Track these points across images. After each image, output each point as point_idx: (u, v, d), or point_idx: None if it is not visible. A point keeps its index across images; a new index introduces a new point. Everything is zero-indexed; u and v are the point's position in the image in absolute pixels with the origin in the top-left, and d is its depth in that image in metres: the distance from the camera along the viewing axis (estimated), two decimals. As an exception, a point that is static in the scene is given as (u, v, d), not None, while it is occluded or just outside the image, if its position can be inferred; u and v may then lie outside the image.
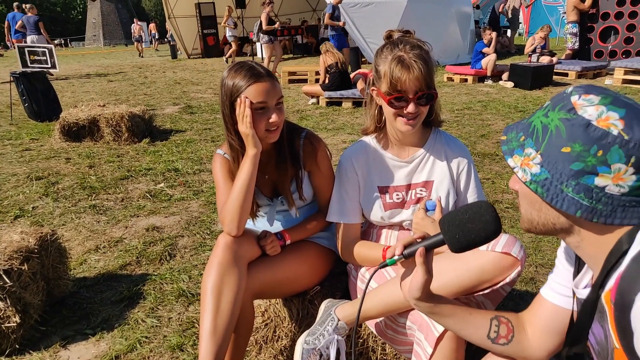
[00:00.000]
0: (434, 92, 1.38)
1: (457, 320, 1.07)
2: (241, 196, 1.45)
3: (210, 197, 3.68)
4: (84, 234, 3.11)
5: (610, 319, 0.76)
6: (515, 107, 6.70)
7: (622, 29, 9.53)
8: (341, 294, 1.72)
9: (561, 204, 0.77)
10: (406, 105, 1.36)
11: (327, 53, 7.34)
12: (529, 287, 2.32)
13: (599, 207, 0.75)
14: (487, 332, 1.06)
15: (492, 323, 1.07)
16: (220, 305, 1.39)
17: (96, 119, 5.38)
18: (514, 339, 1.05)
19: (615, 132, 0.72)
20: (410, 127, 1.41)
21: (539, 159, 0.80)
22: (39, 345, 2.01)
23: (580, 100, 0.77)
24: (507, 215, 3.14)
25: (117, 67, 15.85)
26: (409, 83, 1.33)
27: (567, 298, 0.99)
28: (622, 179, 0.73)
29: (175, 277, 2.52)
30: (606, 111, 0.74)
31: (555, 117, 0.78)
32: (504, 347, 1.05)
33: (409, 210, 1.55)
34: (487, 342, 1.07)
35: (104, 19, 49.37)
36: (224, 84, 1.47)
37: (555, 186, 0.78)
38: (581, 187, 0.75)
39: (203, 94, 9.08)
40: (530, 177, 0.80)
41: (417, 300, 1.04)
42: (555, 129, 0.78)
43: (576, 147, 0.75)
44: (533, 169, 0.80)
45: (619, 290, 0.72)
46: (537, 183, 0.80)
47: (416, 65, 1.32)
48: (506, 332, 1.06)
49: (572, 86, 0.82)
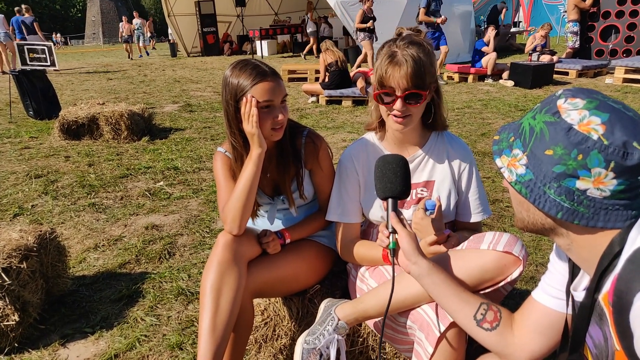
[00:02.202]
0: (423, 93, 1.34)
1: (449, 288, 1.11)
2: (244, 195, 1.44)
3: (210, 196, 3.68)
4: (83, 232, 3.10)
5: (610, 321, 0.75)
6: (516, 106, 6.69)
7: (623, 27, 9.53)
8: (341, 293, 1.72)
9: (543, 204, 0.79)
10: (393, 103, 1.35)
11: (327, 51, 7.32)
12: (529, 286, 2.32)
13: (580, 210, 0.76)
14: (474, 312, 1.08)
15: (481, 306, 1.09)
16: (220, 304, 1.38)
17: (95, 117, 5.37)
18: (498, 327, 1.06)
19: (595, 136, 0.73)
20: (401, 126, 1.39)
21: (525, 160, 0.81)
22: (38, 344, 2.01)
23: (565, 104, 0.78)
24: (507, 215, 3.14)
25: (117, 65, 15.82)
26: (396, 80, 1.31)
27: (559, 301, 0.99)
28: (602, 183, 0.74)
29: (174, 275, 2.51)
30: (588, 116, 0.75)
31: (541, 119, 0.80)
32: (488, 332, 1.06)
33: (410, 210, 1.54)
34: (471, 323, 1.08)
35: (104, 17, 49.33)
36: (227, 82, 1.45)
37: (538, 187, 0.79)
38: (562, 190, 0.77)
39: (202, 92, 9.06)
40: (516, 178, 0.82)
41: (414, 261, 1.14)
42: (540, 131, 0.80)
43: (558, 150, 0.77)
44: (519, 170, 0.82)
45: (616, 292, 0.72)
46: (521, 184, 0.82)
47: (406, 63, 1.30)
48: (492, 319, 1.07)
49: (563, 89, 0.83)
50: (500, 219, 3.09)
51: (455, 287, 1.13)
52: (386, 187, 1.24)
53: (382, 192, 1.25)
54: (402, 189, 1.24)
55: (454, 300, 1.11)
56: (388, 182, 1.24)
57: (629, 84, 7.94)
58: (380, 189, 1.25)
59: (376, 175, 1.27)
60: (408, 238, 1.17)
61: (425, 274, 1.14)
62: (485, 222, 2.95)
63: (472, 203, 1.55)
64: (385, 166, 1.25)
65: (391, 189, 1.23)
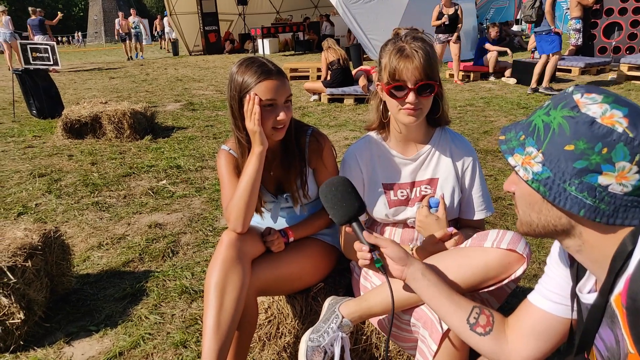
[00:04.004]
0: (435, 83, 1.37)
1: (440, 291, 1.10)
2: (247, 193, 1.45)
3: (213, 194, 3.68)
4: (86, 230, 3.11)
5: (622, 323, 0.74)
6: (518, 104, 6.68)
7: (626, 25, 9.48)
8: (344, 291, 1.72)
9: (564, 203, 0.76)
10: (406, 96, 1.35)
11: (329, 50, 7.31)
12: (532, 284, 2.31)
13: (601, 207, 0.74)
14: (467, 316, 1.07)
15: (474, 310, 1.07)
16: (224, 302, 1.39)
17: (98, 116, 5.38)
18: (492, 332, 1.04)
19: (620, 129, 0.71)
20: (413, 119, 1.39)
21: (540, 157, 0.78)
22: (43, 342, 2.02)
23: (583, 99, 0.76)
24: (510, 212, 3.14)
25: (119, 63, 15.83)
26: (408, 72, 1.32)
27: (558, 305, 0.98)
28: (625, 178, 0.72)
29: (178, 274, 2.52)
30: (610, 109, 0.73)
31: (558, 115, 0.77)
32: (481, 337, 1.04)
33: (414, 208, 1.54)
34: (464, 327, 1.06)
35: (106, 16, 49.39)
36: (233, 79, 1.46)
37: (557, 185, 0.76)
38: (584, 186, 0.74)
39: (205, 90, 9.07)
40: (532, 176, 0.79)
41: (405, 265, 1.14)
42: (558, 126, 0.77)
43: (580, 145, 0.74)
44: (535, 168, 0.78)
45: (629, 294, 0.71)
46: (539, 182, 0.78)
47: (417, 55, 1.32)
48: (485, 323, 1.05)
49: (573, 86, 0.82)
50: (503, 217, 3.09)
51: (446, 290, 1.11)
52: (344, 213, 1.21)
53: (341, 218, 1.22)
54: (358, 206, 1.22)
55: (445, 303, 1.09)
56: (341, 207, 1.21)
57: (632, 82, 7.91)
58: (338, 216, 1.22)
59: (327, 205, 1.24)
60: (391, 246, 1.17)
61: (418, 277, 1.13)
62: (488, 220, 2.95)
63: (475, 200, 1.55)
64: (331, 192, 1.22)
65: (348, 213, 1.21)
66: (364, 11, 11.06)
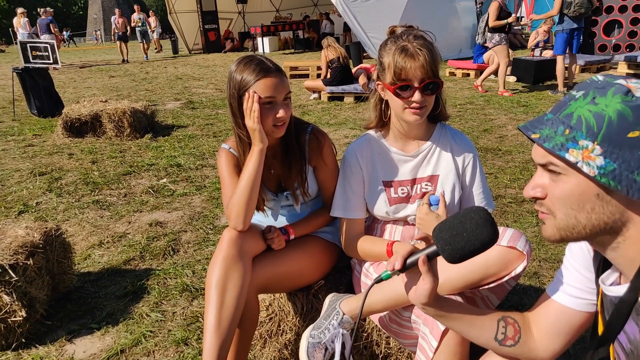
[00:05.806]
0: (440, 81, 1.38)
1: (464, 322, 1.06)
2: (247, 191, 1.45)
3: (213, 192, 3.69)
4: (87, 229, 3.12)
5: None
6: (518, 102, 6.68)
7: (626, 22, 9.48)
8: (345, 288, 1.73)
9: (638, 194, 0.69)
10: (412, 94, 1.36)
11: (329, 48, 7.30)
12: (533, 281, 2.32)
13: None
14: (495, 334, 1.04)
15: (499, 324, 1.05)
16: (225, 299, 1.39)
17: (98, 115, 5.39)
18: (520, 340, 1.03)
19: None
20: (418, 117, 1.40)
21: (598, 150, 0.71)
22: (44, 340, 2.03)
23: (631, 83, 0.71)
24: (510, 210, 3.14)
25: (119, 62, 15.81)
26: (413, 71, 1.33)
27: (578, 300, 0.97)
28: None
29: (179, 272, 2.53)
30: None
31: (612, 102, 0.71)
32: (511, 348, 1.04)
33: (414, 205, 1.54)
34: (494, 344, 1.05)
35: (105, 15, 49.31)
36: (232, 77, 1.46)
37: (626, 176, 0.69)
38: None
39: (205, 89, 9.06)
40: (598, 171, 0.71)
41: (424, 305, 1.04)
42: (615, 114, 0.70)
43: None
44: (597, 161, 0.71)
45: None
46: (606, 176, 0.70)
47: (421, 54, 1.32)
48: (513, 334, 1.04)
49: (595, 76, 0.77)
50: (503, 214, 3.09)
51: (468, 317, 1.06)
52: (465, 247, 0.94)
53: (461, 252, 0.94)
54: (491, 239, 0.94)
55: (470, 329, 1.06)
56: (468, 240, 0.93)
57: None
58: (459, 250, 0.94)
59: (457, 231, 0.94)
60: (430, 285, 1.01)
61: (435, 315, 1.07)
62: (488, 217, 2.95)
63: (476, 197, 1.55)
64: (468, 221, 0.94)
65: (458, 254, 0.95)
66: (363, 9, 11.06)
